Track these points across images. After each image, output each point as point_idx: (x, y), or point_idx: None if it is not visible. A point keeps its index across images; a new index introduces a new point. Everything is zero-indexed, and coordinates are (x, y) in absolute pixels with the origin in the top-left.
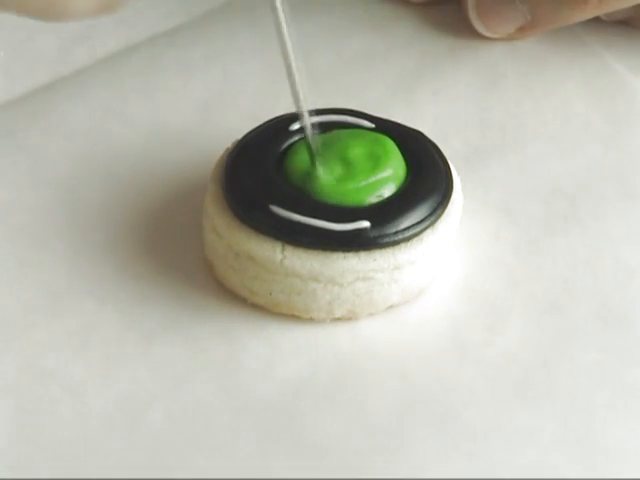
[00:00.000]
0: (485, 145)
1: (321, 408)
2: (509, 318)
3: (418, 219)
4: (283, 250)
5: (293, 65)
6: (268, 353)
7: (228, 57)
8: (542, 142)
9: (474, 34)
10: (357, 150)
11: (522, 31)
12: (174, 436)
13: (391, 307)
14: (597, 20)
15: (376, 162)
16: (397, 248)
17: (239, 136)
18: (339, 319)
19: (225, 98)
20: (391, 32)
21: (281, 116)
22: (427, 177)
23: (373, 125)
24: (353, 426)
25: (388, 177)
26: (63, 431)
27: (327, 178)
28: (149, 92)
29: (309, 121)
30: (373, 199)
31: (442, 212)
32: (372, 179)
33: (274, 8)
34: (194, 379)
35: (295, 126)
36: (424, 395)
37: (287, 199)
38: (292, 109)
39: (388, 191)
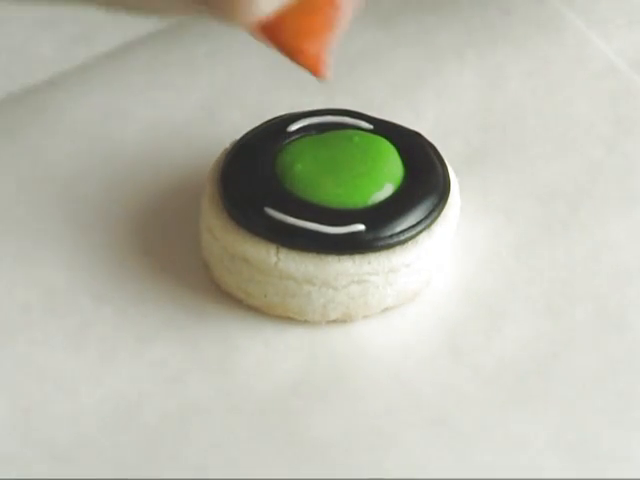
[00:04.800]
0: (486, 146)
1: (315, 409)
2: (505, 321)
3: (413, 222)
4: (277, 253)
5: None
6: (263, 354)
7: (231, 55)
8: (543, 143)
9: (478, 34)
10: (354, 152)
11: None
12: (169, 435)
13: (386, 310)
14: (602, 19)
15: (372, 164)
16: (392, 251)
17: (240, 135)
18: (334, 321)
19: (228, 96)
20: (395, 30)
21: (279, 117)
22: (424, 179)
23: (371, 126)
24: (346, 427)
25: (384, 179)
26: (58, 429)
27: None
28: (150, 90)
29: None
30: (368, 201)
31: (438, 215)
32: (368, 181)
33: None
34: (189, 379)
35: (293, 127)
36: (418, 397)
37: (282, 201)
38: (295, 108)
39: (384, 193)
